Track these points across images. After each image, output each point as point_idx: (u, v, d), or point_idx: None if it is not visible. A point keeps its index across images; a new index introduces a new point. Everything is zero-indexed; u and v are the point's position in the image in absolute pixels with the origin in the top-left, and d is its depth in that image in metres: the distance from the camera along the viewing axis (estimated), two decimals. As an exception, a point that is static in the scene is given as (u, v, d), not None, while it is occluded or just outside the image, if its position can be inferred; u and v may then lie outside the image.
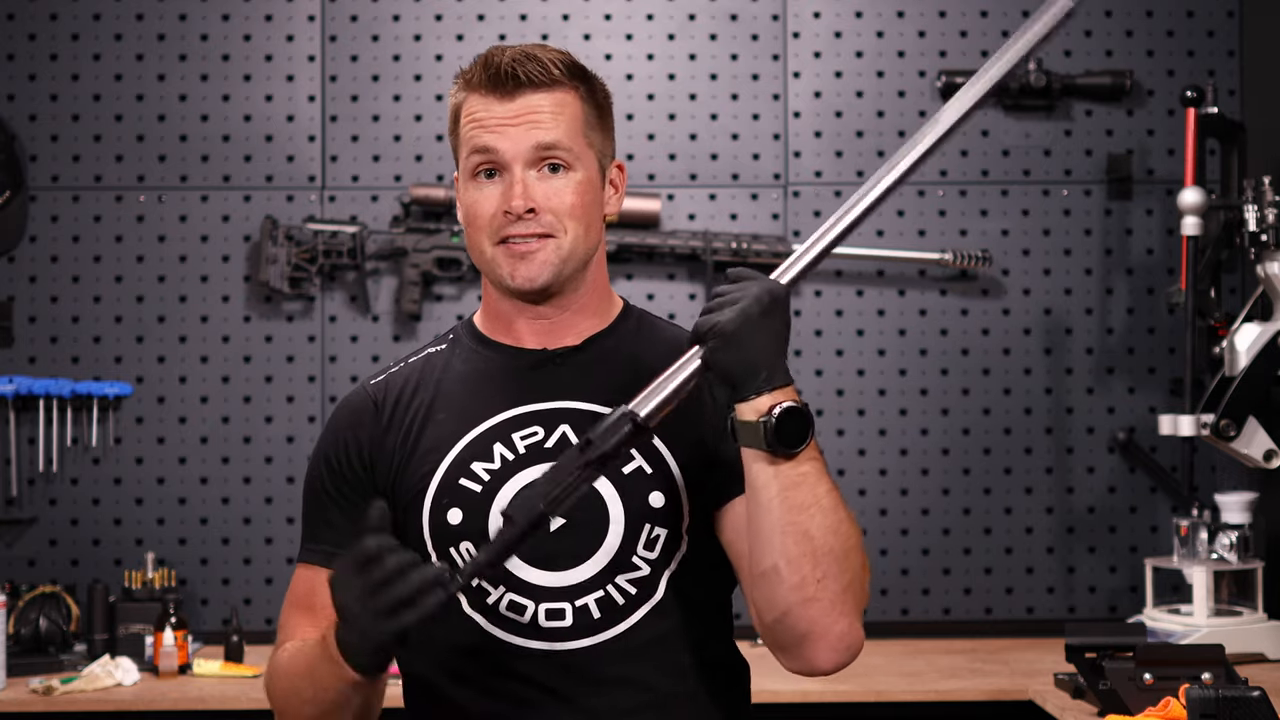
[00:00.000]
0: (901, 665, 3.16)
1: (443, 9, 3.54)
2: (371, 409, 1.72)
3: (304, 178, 3.52)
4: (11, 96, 3.50)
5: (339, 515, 1.70)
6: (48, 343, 3.49)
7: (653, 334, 1.76)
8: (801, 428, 1.53)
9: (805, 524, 1.52)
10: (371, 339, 3.49)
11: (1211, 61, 3.55)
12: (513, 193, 1.64)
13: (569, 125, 1.67)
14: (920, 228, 3.55)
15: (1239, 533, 3.15)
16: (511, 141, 1.65)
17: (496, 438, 1.67)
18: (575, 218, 1.66)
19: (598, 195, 1.70)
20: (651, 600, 1.64)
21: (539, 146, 1.65)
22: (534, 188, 1.65)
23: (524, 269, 1.66)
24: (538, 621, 1.62)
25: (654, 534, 1.64)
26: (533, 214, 1.65)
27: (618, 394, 1.62)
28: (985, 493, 3.53)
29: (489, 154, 1.66)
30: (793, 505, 1.52)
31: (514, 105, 1.65)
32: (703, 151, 3.55)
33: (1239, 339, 3.12)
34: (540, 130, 1.65)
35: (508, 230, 1.65)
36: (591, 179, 1.69)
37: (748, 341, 1.52)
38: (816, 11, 3.56)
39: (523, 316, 1.72)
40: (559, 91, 1.67)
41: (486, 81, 1.66)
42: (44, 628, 3.18)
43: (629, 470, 1.65)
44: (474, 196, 1.68)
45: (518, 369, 1.71)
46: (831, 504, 1.53)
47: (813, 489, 1.53)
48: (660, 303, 3.49)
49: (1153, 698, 2.39)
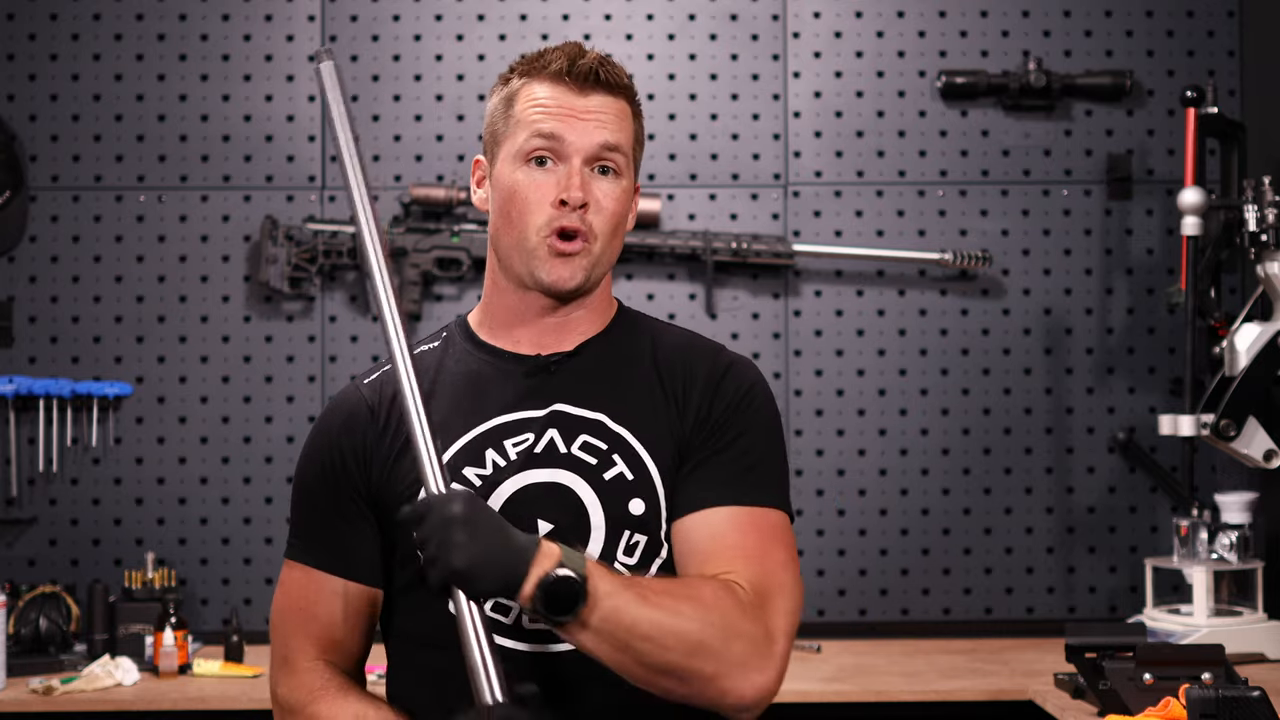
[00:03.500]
0: (901, 665, 3.16)
1: (443, 9, 3.54)
2: (365, 411, 1.72)
3: (304, 178, 3.52)
4: (11, 96, 3.50)
5: (333, 515, 1.70)
6: (48, 343, 3.49)
7: (641, 333, 1.77)
8: (570, 596, 1.47)
9: (633, 663, 1.52)
10: (371, 339, 3.49)
11: (1211, 61, 3.55)
12: (572, 183, 1.65)
13: (628, 134, 1.71)
14: (920, 228, 3.55)
15: (1239, 533, 3.15)
16: (578, 134, 1.66)
17: (489, 443, 1.67)
18: (612, 225, 1.69)
19: (630, 206, 1.73)
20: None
21: (604, 145, 1.67)
22: (589, 184, 1.67)
23: (560, 269, 1.67)
24: (521, 622, 1.63)
25: (634, 540, 1.65)
26: (585, 209, 1.66)
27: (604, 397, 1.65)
28: (985, 493, 3.53)
29: (553, 140, 1.66)
30: (612, 653, 1.51)
31: (587, 101, 1.68)
32: (703, 151, 3.55)
33: (1239, 339, 3.12)
34: (606, 131, 1.68)
35: (559, 221, 1.66)
36: (630, 191, 1.72)
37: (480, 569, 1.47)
38: (816, 11, 3.56)
39: (530, 314, 1.72)
40: (624, 101, 1.72)
41: (566, 70, 1.67)
42: (44, 628, 3.18)
43: (610, 476, 1.65)
44: (523, 180, 1.67)
45: (511, 374, 1.71)
46: (647, 626, 1.51)
47: (617, 633, 1.50)
48: (660, 303, 3.49)
49: (1153, 698, 2.39)
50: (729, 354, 1.75)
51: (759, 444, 1.68)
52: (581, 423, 1.67)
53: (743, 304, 3.51)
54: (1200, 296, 3.17)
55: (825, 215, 3.54)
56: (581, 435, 1.67)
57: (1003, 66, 3.54)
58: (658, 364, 1.72)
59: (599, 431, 1.67)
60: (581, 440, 1.66)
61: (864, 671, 3.09)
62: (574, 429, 1.67)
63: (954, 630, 3.49)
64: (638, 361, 1.72)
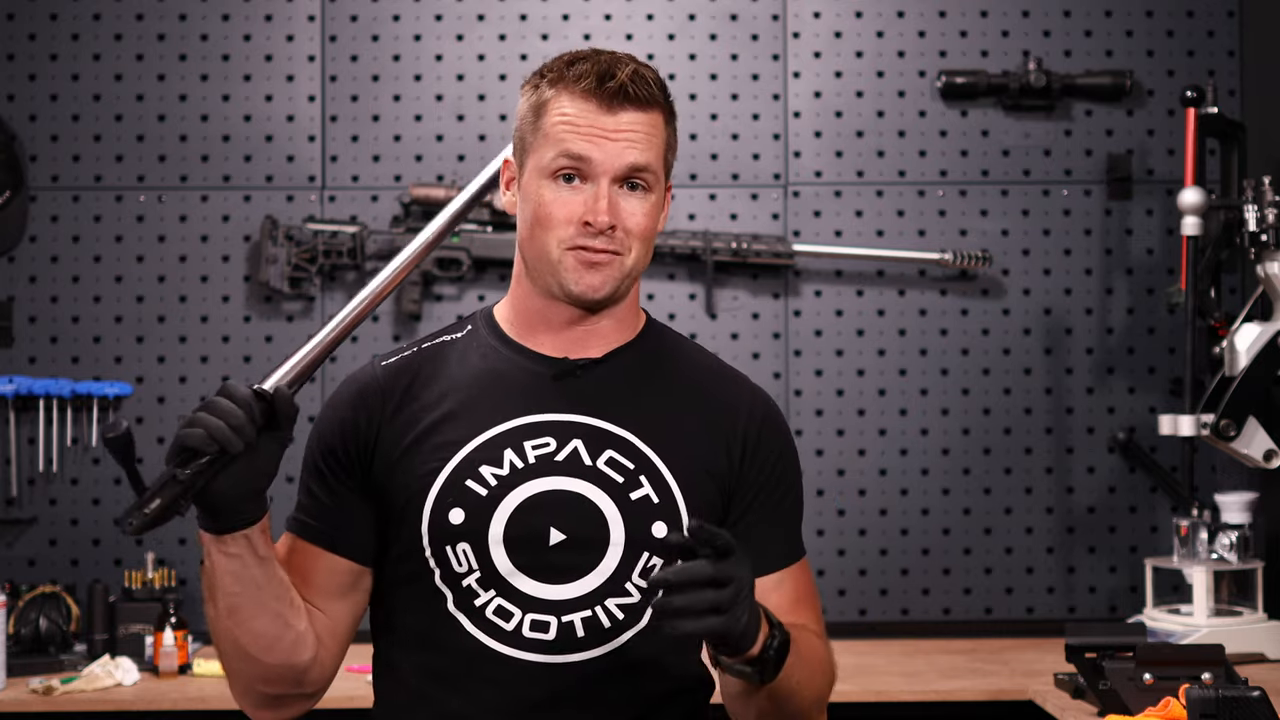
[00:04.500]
0: (901, 665, 3.16)
1: (443, 9, 3.54)
2: (379, 392, 1.72)
3: (304, 178, 3.52)
4: (11, 96, 3.50)
5: (325, 490, 1.71)
6: (48, 343, 3.49)
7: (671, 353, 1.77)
8: (781, 659, 1.55)
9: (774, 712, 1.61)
10: (371, 339, 3.49)
11: (1211, 61, 3.55)
12: (599, 206, 1.63)
13: (658, 148, 1.67)
14: (920, 228, 3.55)
15: (1239, 533, 3.15)
16: (606, 155, 1.64)
17: (508, 443, 1.66)
18: (643, 239, 1.68)
19: (661, 215, 1.72)
20: (636, 627, 1.65)
21: (632, 167, 1.65)
22: (617, 205, 1.65)
23: (590, 278, 1.66)
24: (521, 630, 1.63)
25: (651, 563, 1.65)
26: (612, 230, 1.65)
27: (634, 415, 1.66)
28: (985, 493, 3.53)
29: (581, 162, 1.64)
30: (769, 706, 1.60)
31: (616, 120, 1.64)
32: (703, 151, 3.55)
33: (1239, 339, 3.12)
34: (635, 151, 1.64)
35: (583, 240, 1.64)
36: (661, 201, 1.70)
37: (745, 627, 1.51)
38: (816, 11, 3.56)
39: (556, 321, 1.71)
40: (654, 113, 1.67)
41: (595, 89, 1.64)
42: (44, 628, 3.18)
43: (636, 497, 1.65)
44: (551, 197, 1.65)
45: (537, 376, 1.70)
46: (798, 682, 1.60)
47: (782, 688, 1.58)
48: (660, 303, 3.49)
49: (1153, 698, 2.39)
50: (760, 392, 1.78)
51: (798, 494, 1.78)
52: (609, 438, 1.67)
53: (743, 304, 3.51)
54: (1200, 296, 3.17)
55: (825, 215, 3.54)
56: (608, 450, 1.66)
57: (1003, 66, 3.54)
58: (690, 389, 1.73)
59: (627, 450, 1.66)
60: (608, 456, 1.66)
61: (864, 671, 3.09)
62: (601, 443, 1.66)
63: (954, 630, 3.49)
64: (667, 379, 1.73)
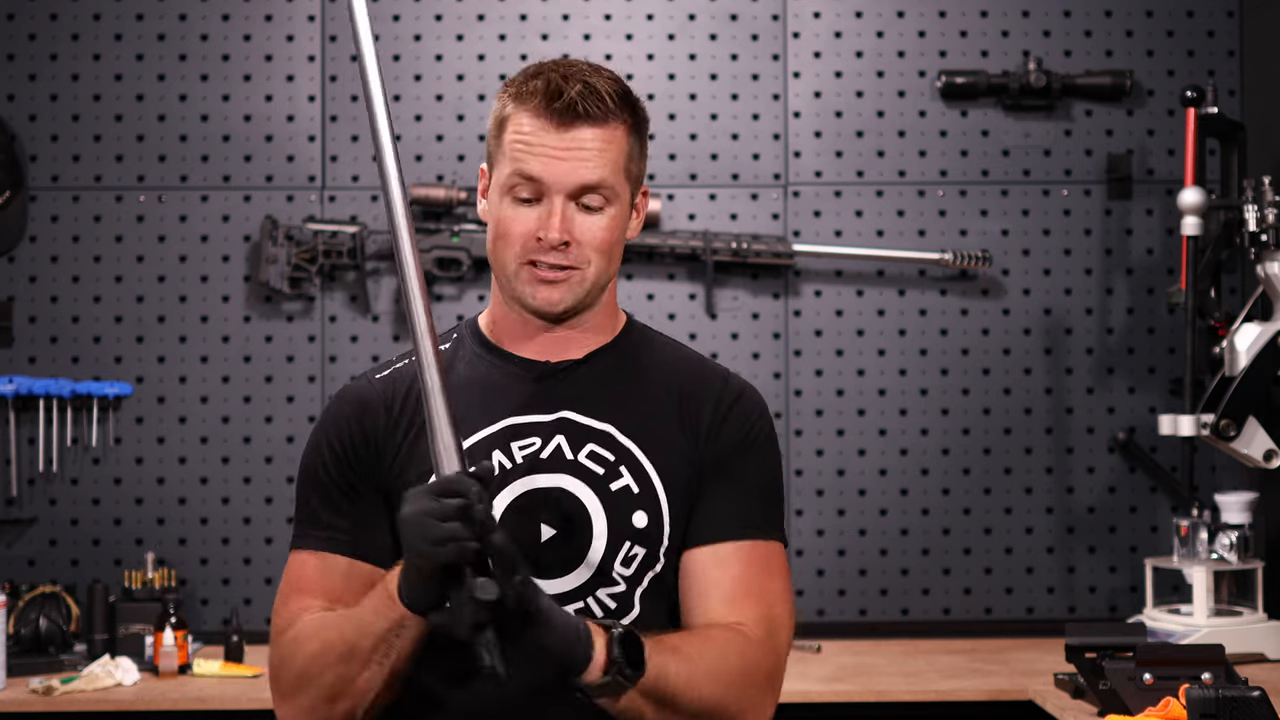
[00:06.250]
0: (901, 665, 3.16)
1: (443, 9, 3.54)
2: (377, 403, 1.72)
3: (304, 178, 3.52)
4: (11, 96, 3.50)
5: (344, 501, 1.69)
6: (48, 343, 3.49)
7: (651, 350, 1.78)
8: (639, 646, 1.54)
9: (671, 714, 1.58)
10: (371, 339, 3.49)
11: (1211, 61, 3.55)
12: (550, 224, 1.64)
13: (614, 162, 1.67)
14: (920, 228, 3.55)
15: (1239, 533, 3.15)
16: (556, 175, 1.64)
17: (495, 445, 1.68)
18: (603, 252, 1.68)
19: (625, 225, 1.72)
20: (629, 616, 1.67)
21: (583, 186, 1.65)
22: (571, 221, 1.65)
23: (546, 293, 1.67)
24: None
25: (633, 552, 1.67)
26: (566, 246, 1.65)
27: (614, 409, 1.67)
28: (985, 493, 3.53)
29: (533, 181, 1.65)
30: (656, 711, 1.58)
31: (566, 137, 1.64)
32: (703, 151, 3.55)
33: (1239, 339, 3.12)
34: (586, 169, 1.65)
35: (537, 255, 1.66)
36: (623, 211, 1.70)
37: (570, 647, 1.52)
38: (816, 11, 3.56)
39: (532, 329, 1.73)
40: (610, 126, 1.67)
41: (544, 107, 1.65)
42: (44, 628, 3.18)
43: (616, 487, 1.67)
44: (509, 214, 1.67)
45: (521, 379, 1.72)
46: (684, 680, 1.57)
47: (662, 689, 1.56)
48: (660, 303, 3.49)
49: (1153, 698, 2.39)
50: (736, 380, 1.77)
51: (764, 477, 1.73)
52: (589, 432, 1.69)
53: (743, 304, 3.51)
54: (1200, 296, 3.17)
55: (825, 215, 3.54)
56: (589, 444, 1.68)
57: (1003, 66, 3.54)
58: (668, 381, 1.74)
59: (607, 442, 1.69)
60: (589, 449, 1.68)
61: (864, 671, 3.09)
62: (582, 437, 1.68)
63: (954, 630, 3.49)
64: (647, 375, 1.74)
